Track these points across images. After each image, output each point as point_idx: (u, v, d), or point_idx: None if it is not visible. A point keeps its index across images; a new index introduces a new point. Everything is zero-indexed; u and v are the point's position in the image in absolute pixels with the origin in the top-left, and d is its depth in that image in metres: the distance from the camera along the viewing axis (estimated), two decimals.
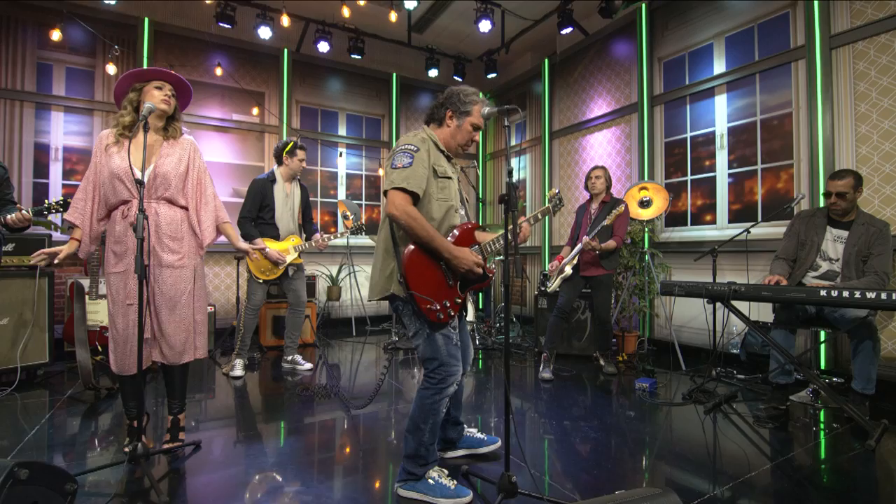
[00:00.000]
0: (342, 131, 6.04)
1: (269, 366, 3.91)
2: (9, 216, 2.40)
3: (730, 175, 3.97)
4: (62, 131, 4.59)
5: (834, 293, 2.33)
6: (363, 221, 4.13)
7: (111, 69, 4.43)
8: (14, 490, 1.39)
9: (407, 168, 1.80)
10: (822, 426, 2.62)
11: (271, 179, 3.65)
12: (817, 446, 2.35)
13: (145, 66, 4.73)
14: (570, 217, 5.46)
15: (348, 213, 5.34)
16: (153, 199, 2.12)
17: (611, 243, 3.44)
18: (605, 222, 3.41)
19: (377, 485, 1.96)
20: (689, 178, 4.28)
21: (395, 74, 6.17)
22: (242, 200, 5.27)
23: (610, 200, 3.63)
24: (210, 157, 5.25)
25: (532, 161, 6.08)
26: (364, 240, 6.05)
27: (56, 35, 4.18)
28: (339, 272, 5.58)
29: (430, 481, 1.84)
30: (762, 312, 3.57)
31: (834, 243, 2.82)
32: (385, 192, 1.83)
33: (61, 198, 2.53)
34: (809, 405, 2.89)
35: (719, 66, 4.05)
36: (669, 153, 4.46)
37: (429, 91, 6.54)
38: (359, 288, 5.66)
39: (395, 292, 1.85)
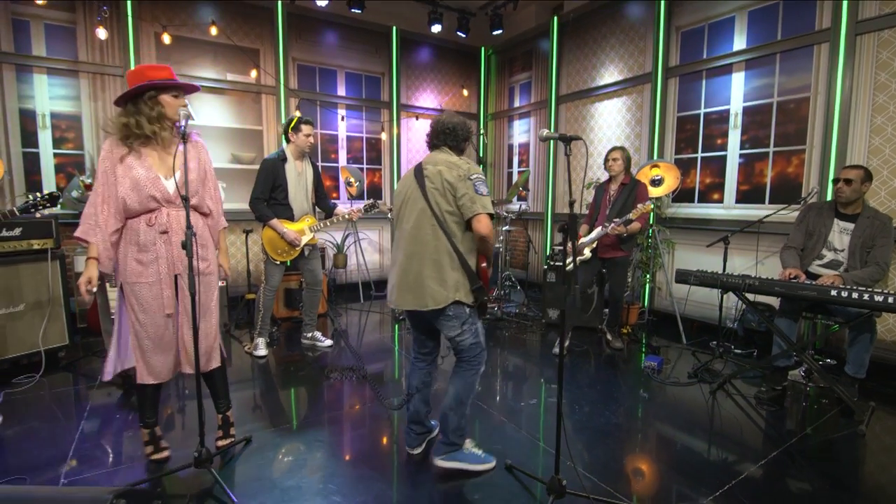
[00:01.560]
0: (341, 91, 5.78)
1: (288, 341, 4.01)
2: None
3: (741, 155, 4.03)
4: (47, 95, 4.28)
5: (844, 293, 2.50)
6: (369, 206, 3.89)
7: (102, 33, 4.08)
8: None
9: (488, 196, 2.04)
10: (813, 407, 2.90)
11: (282, 158, 3.53)
12: (816, 430, 2.61)
13: (130, 26, 4.41)
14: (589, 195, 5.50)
15: (352, 180, 5.27)
16: (181, 207, 2.06)
17: (636, 226, 3.50)
18: (632, 218, 3.41)
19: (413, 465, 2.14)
20: (700, 155, 4.32)
21: (395, 28, 5.84)
22: (240, 166, 5.18)
23: (630, 182, 3.65)
24: (205, 120, 5.01)
25: (537, 125, 5.99)
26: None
27: None
28: (343, 240, 5.57)
29: (466, 451, 2.15)
30: None
31: (840, 235, 2.97)
32: (473, 216, 1.98)
33: (47, 192, 2.44)
34: (802, 384, 3.16)
35: (740, 42, 3.98)
36: (681, 128, 4.46)
37: (430, 46, 6.24)
38: (363, 254, 5.68)
39: (461, 300, 2.01)
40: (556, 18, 5.50)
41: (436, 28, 5.53)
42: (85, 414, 2.66)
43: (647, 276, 4.49)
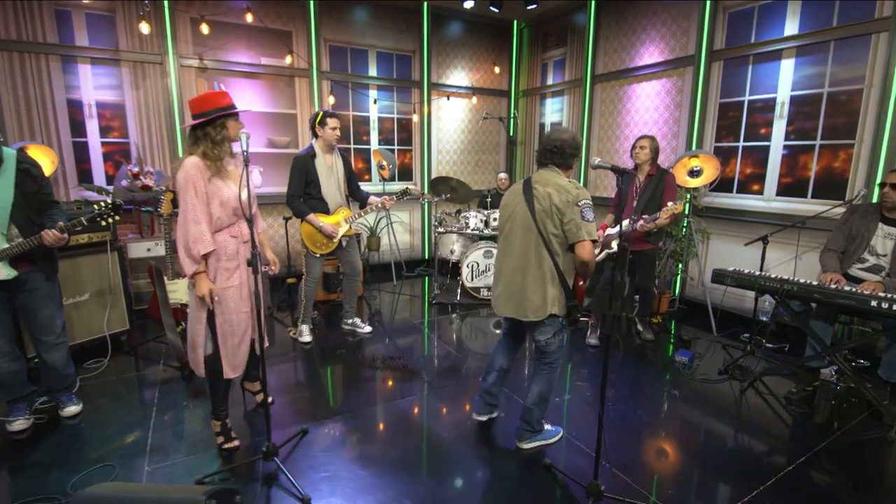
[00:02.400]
0: (372, 71, 5.74)
1: (328, 325, 4.22)
2: (47, 235, 2.33)
3: (785, 147, 3.92)
4: (92, 85, 4.40)
5: (885, 305, 2.51)
6: (402, 192, 3.92)
7: (145, 28, 4.12)
8: None
9: (593, 222, 2.16)
10: (843, 406, 2.96)
11: (311, 154, 3.57)
12: (845, 433, 2.69)
13: (167, 14, 4.43)
14: (605, 176, 5.43)
15: (384, 163, 5.32)
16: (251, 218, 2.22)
17: (663, 221, 3.48)
18: (662, 216, 3.40)
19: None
20: (741, 144, 4.22)
21: (426, 4, 5.69)
22: (276, 151, 5.28)
23: (656, 173, 3.60)
24: (242, 105, 5.01)
25: (570, 104, 5.86)
26: (399, 186, 6.05)
27: None
28: (377, 223, 5.68)
29: (546, 429, 2.51)
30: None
31: (884, 240, 2.93)
32: (577, 242, 2.14)
33: (110, 201, 2.56)
34: (833, 383, 3.21)
35: (791, 27, 3.79)
36: (723, 115, 4.34)
37: (461, 21, 6.08)
38: (395, 236, 5.79)
39: (556, 314, 2.24)
40: None
41: (468, 3, 5.38)
42: (155, 400, 2.92)
43: (680, 265, 4.50)
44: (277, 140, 5.24)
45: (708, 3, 4.21)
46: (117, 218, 2.56)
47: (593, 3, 5.30)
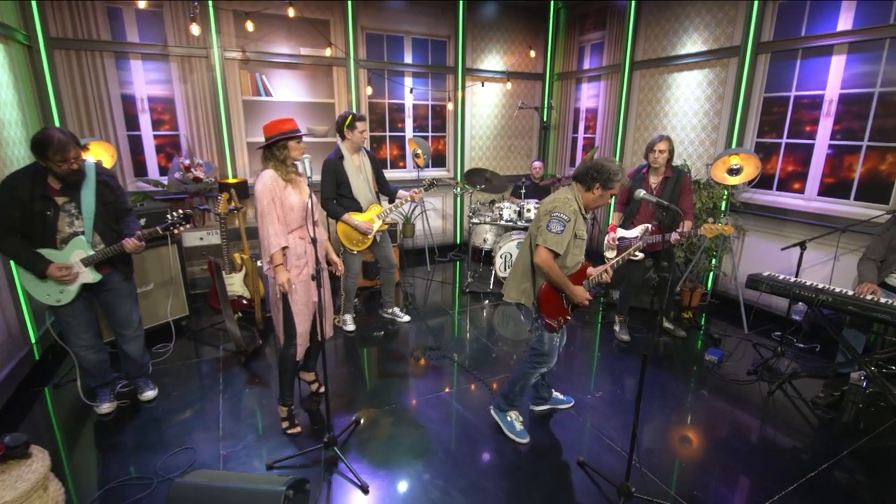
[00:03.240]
0: (408, 58, 5.75)
1: (368, 312, 4.46)
2: (128, 243, 2.59)
3: (830, 146, 3.85)
4: (143, 80, 4.59)
5: None
6: (429, 185, 4.07)
7: (196, 30, 4.24)
8: None
9: (559, 234, 2.35)
10: (870, 410, 3.04)
11: (339, 157, 3.68)
12: (870, 440, 2.78)
13: (211, 7, 4.53)
14: (640, 157, 5.39)
15: (419, 152, 5.42)
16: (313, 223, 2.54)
17: (687, 224, 3.48)
18: (706, 235, 3.43)
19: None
20: (784, 140, 4.15)
21: None
22: (315, 140, 5.42)
23: (672, 174, 3.57)
24: (282, 96, 5.21)
25: (607, 90, 5.76)
26: (433, 172, 6.17)
27: None
28: (411, 210, 5.82)
29: (508, 418, 2.75)
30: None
31: None
32: (536, 246, 2.40)
33: (183, 212, 2.79)
34: (860, 386, 3.28)
35: (845, 22, 3.65)
36: (767, 110, 4.25)
37: (497, 3, 5.98)
38: (428, 221, 5.93)
39: (524, 303, 2.56)
40: None
41: None
42: (220, 386, 3.22)
43: (713, 261, 4.53)
44: (316, 129, 5.38)
45: None
46: (188, 226, 2.79)
47: None
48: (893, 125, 3.49)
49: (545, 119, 6.53)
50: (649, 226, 3.57)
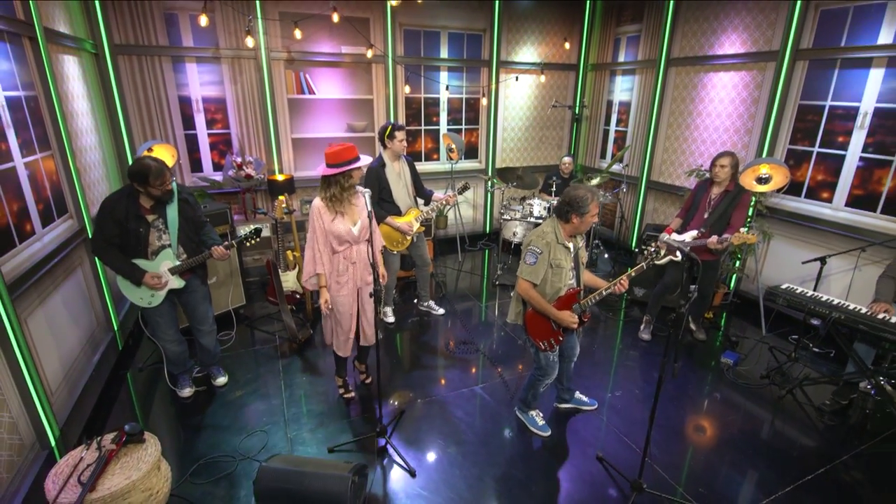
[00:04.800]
0: (444, 53, 5.87)
1: (405, 302, 4.83)
2: (216, 251, 3.05)
3: (861, 158, 3.91)
4: (198, 82, 4.89)
5: None
6: (462, 188, 4.30)
7: (250, 42, 4.48)
8: (352, 489, 2.36)
9: (533, 266, 2.66)
10: (877, 417, 3.26)
11: (382, 165, 3.96)
12: (870, 447, 3.02)
13: (258, 10, 4.74)
14: (672, 164, 5.48)
15: (453, 146, 5.63)
16: (362, 242, 2.95)
17: (728, 235, 3.63)
18: (733, 242, 3.55)
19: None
20: (816, 149, 4.20)
21: None
22: (355, 135, 5.67)
23: (734, 189, 3.70)
24: (324, 93, 5.45)
25: (641, 85, 5.78)
26: (465, 164, 6.37)
27: None
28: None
29: (530, 415, 3.11)
30: (860, 295, 3.94)
31: None
32: (517, 276, 2.75)
33: (253, 228, 3.19)
34: (868, 395, 3.47)
35: (886, 35, 3.63)
36: (801, 117, 4.28)
37: None
38: (459, 211, 6.19)
39: (518, 323, 2.90)
40: None
41: None
42: (280, 373, 3.65)
43: (737, 263, 4.69)
44: (356, 125, 5.62)
45: None
46: (258, 240, 3.17)
47: None
48: None
49: (577, 113, 6.59)
50: (697, 232, 3.75)
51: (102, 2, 4.23)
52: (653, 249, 2.72)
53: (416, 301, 4.75)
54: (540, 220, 5.12)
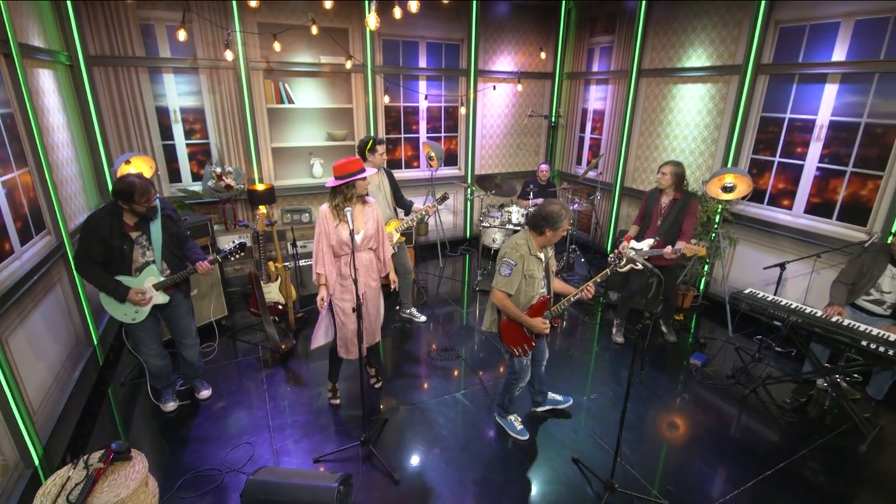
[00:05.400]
0: (422, 63, 5.95)
1: (388, 309, 4.89)
2: (200, 266, 3.09)
3: (818, 168, 4.14)
4: (175, 92, 4.87)
5: (872, 345, 2.94)
6: (441, 199, 4.35)
7: (229, 55, 4.49)
8: (338, 498, 2.44)
9: (507, 277, 2.78)
10: (833, 412, 3.49)
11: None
12: (825, 442, 3.23)
13: (236, 21, 4.76)
14: (643, 161, 5.68)
15: (433, 155, 5.72)
16: (366, 250, 3.13)
17: (681, 244, 3.85)
18: (686, 253, 3.74)
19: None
20: (777, 159, 4.43)
21: None
22: (335, 143, 5.71)
23: (681, 197, 3.90)
24: (303, 103, 5.48)
25: (614, 94, 5.97)
26: (444, 171, 6.46)
27: None
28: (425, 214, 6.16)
29: (509, 419, 3.24)
30: (817, 296, 4.18)
31: (892, 280, 3.29)
32: (493, 286, 2.86)
33: (238, 242, 3.24)
34: (825, 392, 3.70)
35: (839, 53, 3.86)
36: (763, 128, 4.50)
37: (509, 3, 6.10)
38: (440, 217, 6.29)
39: (493, 331, 3.01)
40: None
41: None
42: (264, 385, 3.70)
43: (706, 267, 4.90)
44: (335, 133, 5.67)
45: (760, 14, 4.25)
46: (242, 254, 3.22)
47: None
48: (876, 155, 3.77)
49: (553, 121, 6.75)
50: (653, 240, 3.93)
51: (77, 13, 4.19)
52: (612, 258, 2.87)
53: (398, 308, 4.84)
54: (518, 227, 5.25)
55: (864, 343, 2.98)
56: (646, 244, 3.98)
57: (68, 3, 4.09)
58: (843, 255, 3.85)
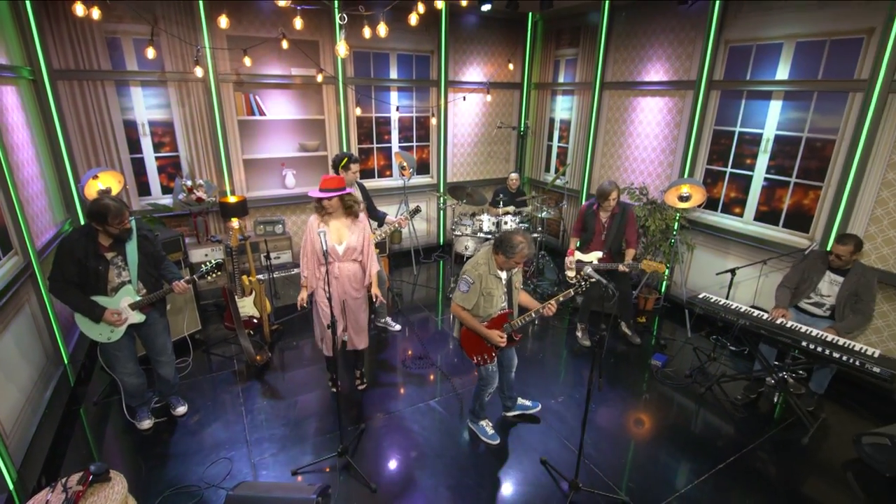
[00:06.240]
0: (393, 74, 6.05)
1: None
2: (177, 286, 3.14)
3: (765, 179, 4.43)
4: (143, 106, 4.84)
5: (811, 346, 3.21)
6: (413, 211, 4.52)
7: (199, 72, 4.48)
8: None
9: (465, 293, 2.96)
10: (781, 407, 3.76)
11: None
12: (772, 436, 3.49)
13: (204, 27, 4.76)
14: (608, 170, 5.92)
15: (405, 164, 5.83)
16: (348, 261, 3.33)
17: (630, 252, 4.20)
18: (644, 269, 3.95)
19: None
20: (729, 169, 4.71)
21: (444, 5, 5.87)
22: (307, 154, 5.76)
23: (619, 210, 4.20)
24: (275, 114, 5.50)
25: (579, 105, 6.20)
26: (417, 180, 6.58)
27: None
28: (397, 215, 6.26)
29: (480, 424, 3.37)
30: (767, 297, 4.47)
31: (830, 285, 3.58)
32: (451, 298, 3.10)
33: (214, 262, 3.30)
34: (773, 389, 3.98)
35: (783, 71, 4.15)
36: (716, 141, 4.78)
37: (478, 16, 6.25)
38: (413, 226, 6.40)
39: (456, 337, 3.19)
40: (607, 1, 5.46)
41: (486, 7, 5.56)
42: (241, 399, 3.74)
43: (666, 272, 5.15)
44: (308, 144, 5.71)
45: (712, 33, 4.51)
46: (220, 273, 3.26)
47: (605, 10, 5.49)
48: (816, 167, 4.07)
49: (521, 131, 6.95)
50: (601, 253, 4.17)
51: (40, 28, 4.13)
52: (578, 279, 3.00)
53: (372, 317, 4.92)
54: (489, 236, 5.42)
55: (804, 343, 3.25)
56: (594, 256, 4.23)
57: (30, 17, 4.03)
58: (789, 260, 4.15)
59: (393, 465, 3.15)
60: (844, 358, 3.08)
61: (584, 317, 4.62)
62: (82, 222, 4.60)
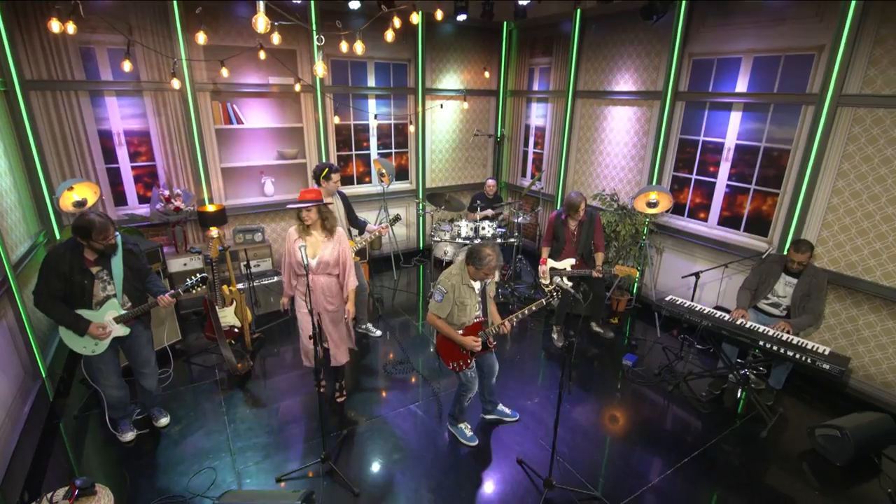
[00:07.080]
0: (371, 82, 6.12)
1: None
2: (161, 300, 3.14)
3: (727, 185, 4.67)
4: (119, 115, 4.81)
5: (768, 345, 3.43)
6: (394, 219, 4.74)
7: (176, 83, 4.48)
8: None
9: (439, 302, 3.06)
10: (742, 404, 3.99)
11: None
12: (733, 430, 3.70)
13: (180, 37, 4.76)
14: (581, 176, 6.11)
15: (384, 171, 5.92)
16: (322, 274, 3.39)
17: (600, 256, 4.42)
18: (618, 274, 4.18)
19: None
20: (694, 176, 4.94)
21: (421, 12, 5.96)
22: (286, 162, 5.80)
23: (586, 218, 4.40)
24: (254, 122, 5.53)
25: (554, 112, 6.37)
26: (396, 186, 6.66)
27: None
28: (376, 221, 6.35)
29: (459, 427, 3.48)
30: (729, 297, 4.70)
31: (785, 286, 3.82)
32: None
33: (200, 276, 3.32)
34: (735, 385, 4.20)
35: (742, 84, 4.38)
36: (682, 149, 5.01)
37: (454, 25, 6.37)
38: (393, 231, 6.48)
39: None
40: (578, 11, 5.64)
41: (461, 17, 5.69)
42: (223, 408, 3.78)
43: (637, 275, 5.37)
44: (286, 152, 5.75)
45: (677, 47, 4.72)
46: (205, 287, 3.30)
47: (577, 21, 5.67)
48: (773, 175, 4.32)
49: (498, 138, 7.10)
50: (574, 260, 4.36)
51: (11, 38, 4.08)
52: (551, 290, 3.16)
53: (354, 324, 5.00)
54: (467, 241, 5.55)
55: (761, 343, 3.47)
56: (567, 263, 4.43)
57: (1, 28, 3.99)
58: (750, 263, 4.39)
59: (375, 468, 3.25)
60: (798, 356, 3.30)
61: (559, 319, 4.80)
62: (57, 235, 4.57)
